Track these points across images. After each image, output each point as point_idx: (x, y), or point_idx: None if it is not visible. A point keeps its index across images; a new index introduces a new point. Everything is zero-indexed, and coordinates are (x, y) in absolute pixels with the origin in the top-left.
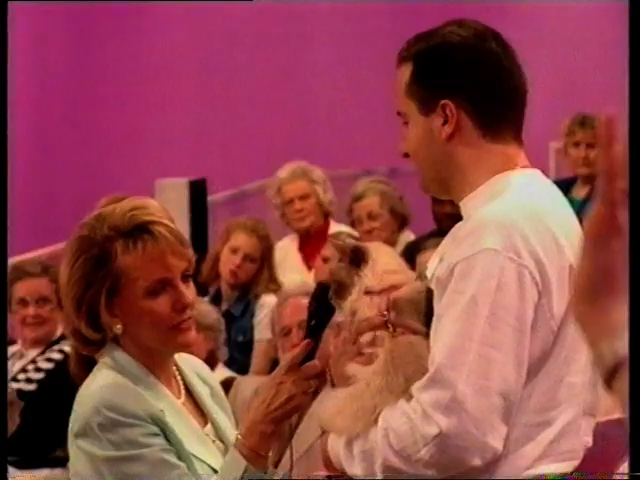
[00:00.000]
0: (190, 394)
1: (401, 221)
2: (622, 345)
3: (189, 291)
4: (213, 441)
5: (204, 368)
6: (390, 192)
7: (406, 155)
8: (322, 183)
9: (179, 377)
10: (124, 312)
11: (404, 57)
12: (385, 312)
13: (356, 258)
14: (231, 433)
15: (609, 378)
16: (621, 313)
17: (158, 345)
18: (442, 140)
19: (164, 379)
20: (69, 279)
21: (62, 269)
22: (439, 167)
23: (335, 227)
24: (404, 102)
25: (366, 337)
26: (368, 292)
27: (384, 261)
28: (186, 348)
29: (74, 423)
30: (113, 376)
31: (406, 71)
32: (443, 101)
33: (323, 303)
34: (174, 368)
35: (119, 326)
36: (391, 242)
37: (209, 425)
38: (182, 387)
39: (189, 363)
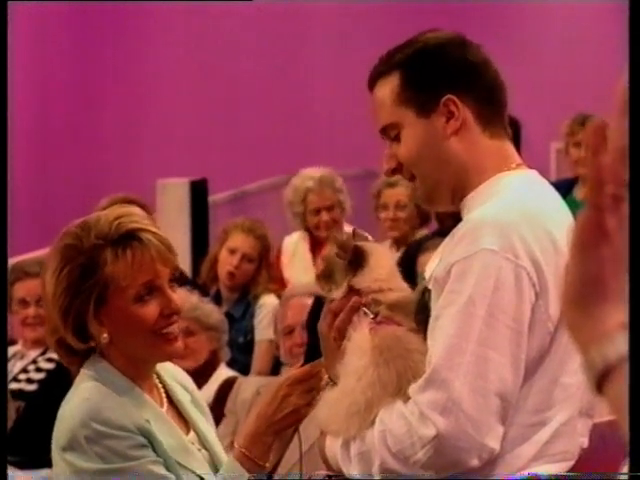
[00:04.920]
0: (172, 403)
1: (423, 218)
2: (612, 350)
3: (176, 297)
4: (199, 449)
5: (183, 376)
6: None
7: (393, 172)
8: (343, 190)
9: (160, 386)
10: (112, 320)
11: (384, 70)
12: (363, 301)
13: (356, 259)
14: (214, 441)
15: (599, 383)
16: (611, 318)
17: (144, 353)
18: (446, 138)
19: (147, 389)
20: (55, 289)
21: (47, 279)
22: (443, 168)
23: (348, 229)
24: (395, 112)
25: (343, 321)
26: (351, 290)
27: (379, 271)
28: (172, 358)
29: (59, 436)
30: (97, 387)
31: (392, 82)
32: (446, 97)
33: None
34: (155, 376)
35: (105, 335)
36: (409, 236)
37: (192, 433)
38: (164, 396)
39: (169, 371)
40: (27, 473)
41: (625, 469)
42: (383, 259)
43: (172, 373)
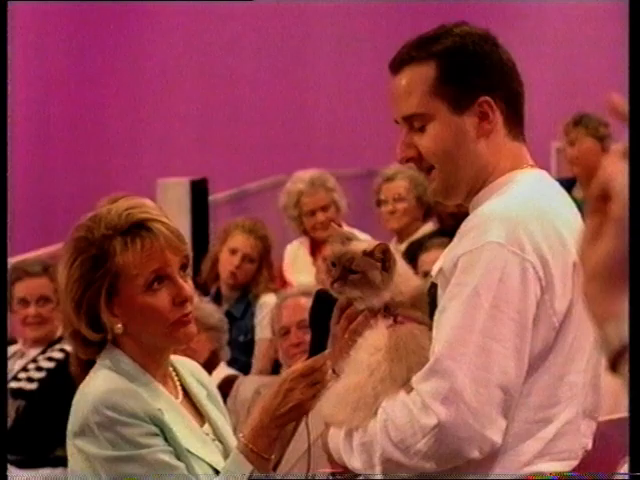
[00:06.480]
0: (187, 395)
1: (426, 210)
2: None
3: (188, 285)
4: (213, 440)
5: (200, 371)
6: (420, 180)
7: (407, 161)
8: (337, 190)
9: (176, 378)
10: (124, 310)
11: (417, 57)
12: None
13: (387, 261)
14: (228, 434)
15: (614, 361)
16: None
17: (159, 341)
18: (475, 138)
19: (162, 379)
20: (68, 280)
21: (60, 271)
22: (466, 167)
23: (347, 229)
24: (427, 103)
25: (360, 323)
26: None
27: (399, 269)
28: (187, 342)
29: (73, 423)
30: (111, 376)
31: (427, 71)
32: (482, 98)
33: (324, 311)
34: (171, 369)
35: (119, 325)
36: (410, 228)
37: (207, 425)
38: (179, 388)
39: (186, 365)
40: (27, 472)
41: (625, 468)
42: (397, 258)
43: (189, 368)
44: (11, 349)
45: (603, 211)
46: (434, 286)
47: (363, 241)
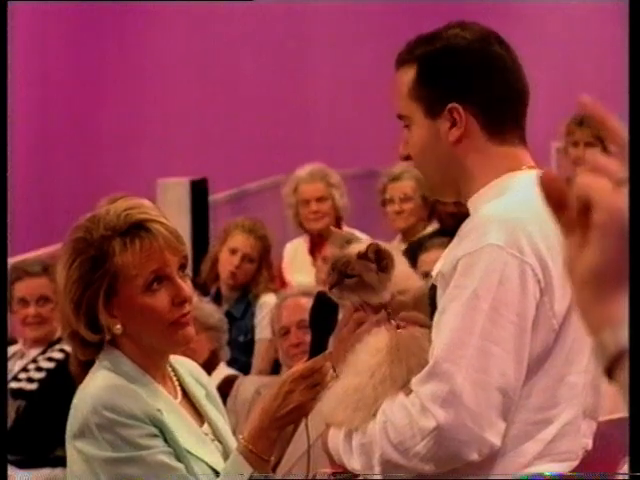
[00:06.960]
0: (186, 395)
1: (431, 211)
2: (625, 335)
3: (186, 285)
4: (212, 440)
5: (199, 371)
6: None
7: (406, 158)
8: (339, 187)
9: (175, 378)
10: (123, 311)
11: (406, 59)
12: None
13: (383, 260)
14: (228, 435)
15: (611, 368)
16: (624, 303)
17: (158, 342)
18: (448, 143)
19: (161, 380)
20: (67, 281)
21: (59, 272)
22: (444, 170)
23: (348, 230)
24: (407, 105)
25: (365, 327)
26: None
27: (399, 268)
28: (185, 344)
29: (72, 424)
30: (111, 377)
31: (409, 73)
32: (451, 105)
33: (324, 313)
34: (170, 369)
35: (118, 326)
36: (416, 228)
37: (206, 425)
38: (178, 388)
39: (184, 365)
40: (27, 472)
41: (625, 468)
42: (399, 257)
43: (188, 368)
44: (11, 349)
45: (585, 224)
46: (434, 288)
47: (361, 243)
